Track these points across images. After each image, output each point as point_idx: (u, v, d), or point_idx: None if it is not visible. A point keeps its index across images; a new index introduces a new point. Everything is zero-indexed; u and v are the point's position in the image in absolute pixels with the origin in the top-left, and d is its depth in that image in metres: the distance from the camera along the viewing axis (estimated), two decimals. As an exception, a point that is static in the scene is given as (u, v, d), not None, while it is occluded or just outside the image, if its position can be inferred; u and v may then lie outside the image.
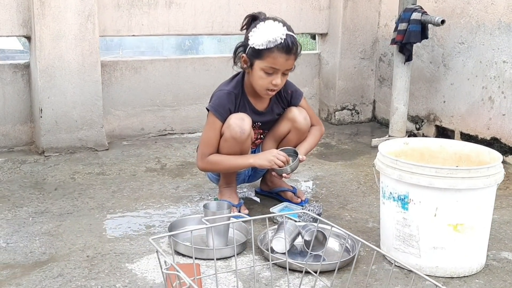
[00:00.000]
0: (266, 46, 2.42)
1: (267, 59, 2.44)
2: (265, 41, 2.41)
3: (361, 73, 4.46)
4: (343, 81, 4.40)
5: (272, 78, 2.48)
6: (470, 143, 2.35)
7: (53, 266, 2.17)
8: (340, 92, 4.41)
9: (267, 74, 2.47)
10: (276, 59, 2.43)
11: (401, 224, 2.13)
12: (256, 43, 2.43)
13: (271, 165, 2.54)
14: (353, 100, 4.49)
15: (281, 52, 2.43)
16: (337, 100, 4.42)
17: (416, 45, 3.94)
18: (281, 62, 2.44)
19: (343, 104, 4.46)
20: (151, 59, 3.96)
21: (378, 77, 4.51)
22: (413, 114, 4.15)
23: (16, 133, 3.61)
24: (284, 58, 2.44)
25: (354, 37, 4.34)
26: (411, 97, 4.06)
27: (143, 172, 3.29)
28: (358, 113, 4.54)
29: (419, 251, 2.10)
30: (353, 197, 2.96)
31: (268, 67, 2.45)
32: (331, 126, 4.44)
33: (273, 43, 2.42)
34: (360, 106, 4.54)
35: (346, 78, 4.41)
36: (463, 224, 2.04)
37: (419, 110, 4.13)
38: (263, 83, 2.49)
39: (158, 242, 2.39)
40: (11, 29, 3.36)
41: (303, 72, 4.45)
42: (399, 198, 2.11)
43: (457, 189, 1.99)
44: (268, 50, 2.43)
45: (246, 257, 2.29)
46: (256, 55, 2.47)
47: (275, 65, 2.45)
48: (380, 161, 2.19)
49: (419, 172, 2.02)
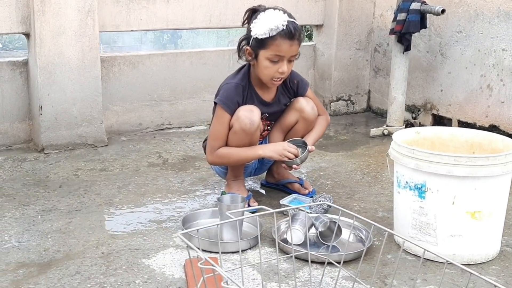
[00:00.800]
0: (269, 35, 2.43)
1: (271, 47, 2.45)
2: (268, 30, 2.42)
3: (356, 63, 4.47)
4: (338, 72, 4.41)
5: (278, 66, 2.48)
6: (482, 131, 2.37)
7: (69, 264, 2.16)
8: (336, 83, 4.42)
9: (272, 63, 2.47)
10: (280, 46, 2.44)
11: (418, 213, 2.14)
12: (259, 33, 2.44)
13: (281, 158, 2.54)
14: (348, 90, 4.50)
15: (284, 39, 2.43)
16: (333, 91, 4.43)
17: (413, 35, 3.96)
18: (285, 48, 2.45)
19: (338, 95, 4.48)
20: (149, 53, 3.93)
21: (373, 67, 4.53)
22: (409, 104, 4.17)
23: (14, 131, 3.56)
24: (288, 44, 2.44)
25: (349, 28, 4.35)
26: (408, 87, 4.07)
27: (146, 167, 3.27)
28: (353, 104, 4.56)
29: (436, 239, 2.12)
30: (359, 187, 2.97)
31: (273, 55, 2.46)
32: (328, 117, 4.45)
33: (275, 31, 2.42)
34: (355, 97, 4.55)
35: (341, 69, 4.42)
36: (481, 212, 2.05)
37: (415, 100, 4.15)
38: (269, 72, 2.49)
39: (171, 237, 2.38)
40: (10, 26, 3.31)
41: (298, 63, 4.37)
42: (416, 187, 2.12)
43: (476, 176, 2.00)
44: (271, 38, 2.43)
45: (262, 250, 2.29)
46: (260, 45, 2.47)
47: (279, 52, 2.45)
48: (396, 151, 2.20)
49: (437, 161, 2.03)
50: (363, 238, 2.34)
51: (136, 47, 23.46)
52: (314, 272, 2.09)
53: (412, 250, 2.21)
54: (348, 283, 2.03)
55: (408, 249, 2.22)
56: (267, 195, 2.88)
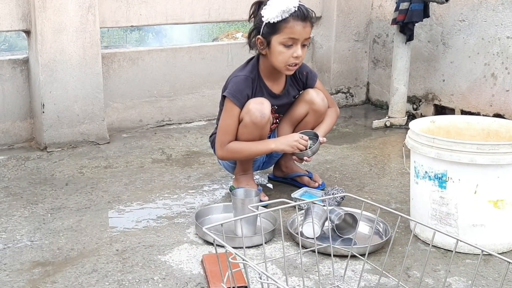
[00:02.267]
0: (282, 17, 2.39)
1: (285, 30, 2.41)
2: (280, 12, 2.39)
3: (355, 55, 4.45)
4: (338, 64, 4.38)
5: (293, 50, 2.44)
6: (499, 119, 2.35)
7: (85, 262, 2.12)
8: (335, 75, 4.40)
9: (286, 47, 2.44)
10: (293, 28, 2.40)
11: (438, 203, 2.12)
12: (271, 17, 2.41)
13: (293, 150, 2.51)
14: (347, 83, 4.48)
15: (297, 20, 2.40)
16: (332, 83, 4.41)
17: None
18: (299, 30, 2.41)
19: (338, 87, 4.45)
20: (149, 49, 3.88)
21: (372, 59, 4.51)
22: (410, 95, 4.15)
23: (16, 129, 3.51)
24: (301, 25, 2.41)
25: (348, 19, 4.33)
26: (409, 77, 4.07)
27: (150, 163, 3.23)
28: (352, 96, 4.54)
29: (457, 229, 2.10)
30: (368, 179, 2.95)
31: (287, 38, 2.42)
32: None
33: (288, 13, 2.39)
34: (354, 89, 4.53)
35: (340, 61, 4.39)
36: (504, 200, 2.04)
37: (416, 90, 4.14)
38: (284, 58, 2.45)
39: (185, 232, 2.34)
40: (11, 24, 3.25)
41: (297, 57, 4.42)
42: (436, 177, 2.10)
43: (499, 164, 1.99)
44: (284, 21, 2.40)
45: (278, 244, 2.26)
46: (272, 31, 2.44)
47: (293, 34, 2.41)
48: (414, 140, 2.17)
49: (459, 149, 2.01)
50: (380, 231, 2.31)
51: (122, 47, 23.38)
52: (335, 266, 2.06)
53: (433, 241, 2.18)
54: (371, 276, 2.01)
55: (428, 240, 2.20)
56: (275, 189, 2.85)
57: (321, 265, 2.09)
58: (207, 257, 2.11)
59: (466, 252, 2.11)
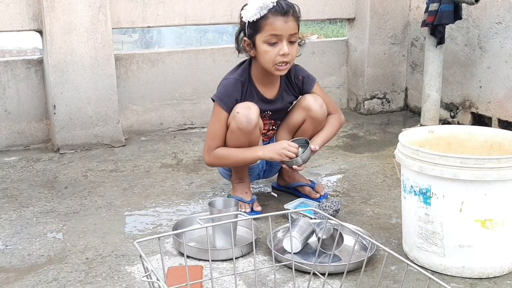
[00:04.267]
0: (260, 14, 2.27)
1: (265, 27, 2.28)
2: (257, 9, 2.27)
3: (392, 59, 4.22)
4: (372, 68, 4.17)
5: (279, 48, 2.30)
6: (503, 130, 2.11)
7: (49, 270, 2.04)
8: (369, 80, 4.18)
9: (271, 46, 2.30)
10: (273, 24, 2.27)
11: (423, 221, 1.92)
12: (250, 15, 2.29)
13: (282, 158, 2.36)
14: (383, 88, 4.26)
15: (276, 15, 2.27)
16: (366, 88, 4.20)
17: (450, 27, 3.70)
18: (280, 25, 2.27)
19: (372, 92, 4.23)
20: (169, 51, 3.80)
21: (410, 63, 4.27)
22: (447, 101, 3.90)
23: (32, 130, 3.51)
24: (282, 20, 2.27)
25: (383, 21, 4.11)
26: (445, 83, 3.82)
27: (158, 168, 3.14)
28: (389, 102, 4.30)
29: (443, 249, 1.89)
30: (377, 191, 2.75)
31: (269, 35, 2.28)
32: (360, 116, 4.22)
33: (265, 9, 2.27)
34: (391, 94, 4.30)
35: (375, 65, 4.17)
36: (492, 220, 1.82)
37: (453, 97, 3.87)
38: (270, 57, 2.31)
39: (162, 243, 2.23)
40: (21, 24, 3.25)
41: (330, 60, 4.25)
42: (421, 192, 1.90)
43: (485, 180, 1.77)
44: (263, 18, 2.28)
45: (258, 257, 2.11)
46: (255, 31, 2.31)
47: (275, 30, 2.27)
48: (400, 152, 1.98)
49: (442, 163, 1.81)
50: (367, 247, 2.13)
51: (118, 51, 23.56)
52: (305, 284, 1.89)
53: (419, 261, 1.99)
54: (341, 297, 1.84)
55: (416, 260, 2.00)
56: (277, 199, 2.70)
57: (292, 283, 1.92)
58: (172, 270, 1.99)
59: (454, 275, 1.90)
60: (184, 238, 2.16)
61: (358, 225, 2.33)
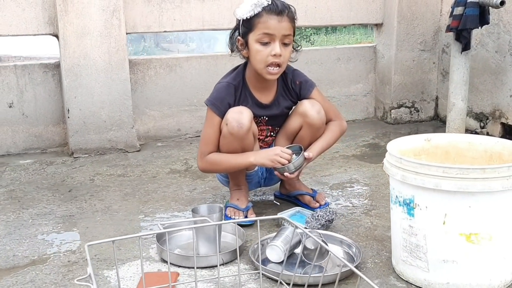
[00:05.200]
0: (254, 12, 2.21)
1: (258, 25, 2.21)
2: (251, 7, 2.20)
3: (421, 66, 4.06)
4: (399, 75, 4.03)
5: (270, 48, 2.22)
6: (503, 139, 1.96)
7: (29, 271, 2.03)
8: (396, 88, 4.04)
9: (263, 45, 2.23)
10: (267, 22, 2.20)
11: (408, 233, 1.80)
12: (244, 13, 2.23)
13: (274, 164, 2.27)
14: (411, 96, 4.10)
15: (270, 14, 2.19)
16: (393, 96, 4.06)
17: (480, 33, 3.54)
18: (274, 24, 2.19)
19: (400, 101, 4.09)
20: (187, 56, 3.77)
21: (441, 70, 4.10)
22: (477, 111, 3.72)
23: (49, 134, 3.53)
24: (276, 19, 2.19)
25: (412, 26, 3.96)
26: (475, 92, 3.65)
27: (166, 173, 3.10)
28: (417, 111, 4.15)
29: (427, 264, 1.77)
30: (382, 202, 2.62)
31: (262, 34, 2.21)
32: (387, 125, 4.08)
33: (260, 6, 2.20)
34: (420, 103, 4.14)
35: (403, 72, 4.03)
36: (478, 234, 1.68)
37: (483, 106, 3.69)
38: (262, 57, 2.24)
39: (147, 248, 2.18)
40: (37, 28, 3.27)
41: (356, 67, 4.13)
42: (405, 203, 1.79)
43: (469, 192, 1.64)
44: (257, 16, 2.21)
45: (235, 266, 2.03)
46: (248, 29, 2.25)
47: (268, 29, 2.20)
48: (387, 160, 1.87)
49: (424, 172, 1.69)
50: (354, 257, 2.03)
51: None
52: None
53: (404, 276, 1.87)
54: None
55: (401, 275, 1.89)
56: (276, 207, 2.60)
57: (269, 296, 1.84)
58: (147, 275, 1.94)
59: None
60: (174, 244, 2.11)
61: (353, 236, 2.23)
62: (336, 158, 3.33)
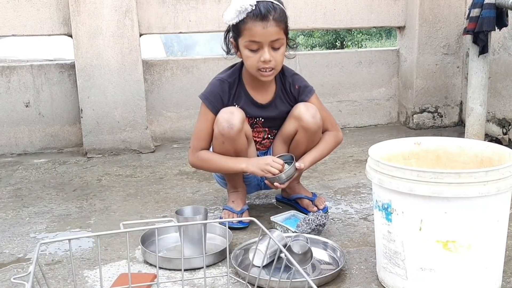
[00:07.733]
0: (238, 18, 2.13)
1: (244, 32, 2.15)
2: (235, 13, 2.13)
3: (445, 70, 3.95)
4: (422, 80, 3.92)
5: (260, 54, 2.17)
6: (493, 144, 1.87)
7: (9, 269, 2.04)
8: (418, 92, 3.93)
9: (252, 52, 2.18)
10: (252, 30, 2.13)
11: (387, 239, 1.73)
12: (229, 19, 2.17)
13: (264, 174, 2.22)
14: (435, 101, 3.99)
15: (255, 21, 2.11)
16: (415, 101, 3.95)
17: (502, 36, 3.42)
18: (259, 31, 2.12)
19: (422, 105, 3.98)
20: (204, 57, 3.76)
21: (465, 75, 3.97)
22: (500, 117, 3.59)
23: (65, 134, 3.57)
24: (260, 26, 2.11)
25: (434, 29, 3.85)
26: (498, 97, 3.52)
27: (173, 175, 3.09)
28: (441, 116, 4.02)
29: (406, 272, 1.69)
30: (387, 208, 2.54)
31: (249, 41, 2.15)
32: (409, 130, 3.97)
33: (244, 13, 2.12)
34: (444, 108, 4.02)
35: (425, 76, 3.92)
36: (456, 242, 1.60)
37: (506, 112, 3.55)
38: (252, 62, 2.19)
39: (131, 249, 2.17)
40: (52, 28, 3.32)
41: (378, 70, 4.04)
42: (383, 207, 1.72)
43: (445, 197, 1.56)
44: (242, 23, 2.14)
45: (219, 269, 2.00)
46: (236, 34, 2.20)
47: (254, 37, 2.13)
48: (367, 164, 1.81)
49: (399, 176, 1.62)
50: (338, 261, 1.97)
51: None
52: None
53: (385, 283, 1.80)
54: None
55: (383, 282, 1.81)
56: (274, 211, 2.54)
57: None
58: (122, 276, 1.93)
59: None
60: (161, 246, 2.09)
61: (346, 241, 2.17)
62: (348, 162, 3.25)
